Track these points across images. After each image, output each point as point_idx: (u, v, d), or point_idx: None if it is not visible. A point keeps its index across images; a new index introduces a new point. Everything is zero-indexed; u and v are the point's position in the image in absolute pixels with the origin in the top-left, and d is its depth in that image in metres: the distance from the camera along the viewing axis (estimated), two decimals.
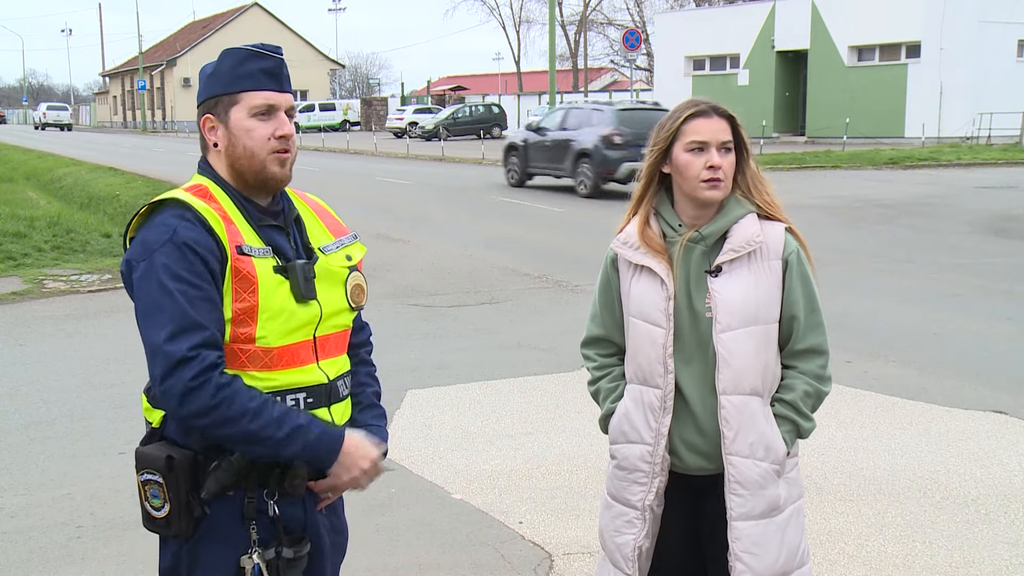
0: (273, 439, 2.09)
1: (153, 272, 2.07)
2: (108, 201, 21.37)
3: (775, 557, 2.59)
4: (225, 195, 2.21)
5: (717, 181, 2.56)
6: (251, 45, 2.22)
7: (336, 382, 2.29)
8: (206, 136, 2.23)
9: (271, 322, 2.14)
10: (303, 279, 2.19)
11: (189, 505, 2.13)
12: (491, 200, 19.96)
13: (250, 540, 2.17)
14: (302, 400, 2.21)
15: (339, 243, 2.36)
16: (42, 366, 7.67)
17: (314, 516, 2.30)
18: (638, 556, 2.71)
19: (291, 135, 2.23)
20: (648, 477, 2.68)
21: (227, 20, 75.98)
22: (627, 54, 43.46)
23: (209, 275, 2.08)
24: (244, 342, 2.13)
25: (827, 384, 2.65)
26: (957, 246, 13.10)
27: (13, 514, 4.90)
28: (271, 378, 2.17)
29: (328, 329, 2.27)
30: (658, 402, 2.64)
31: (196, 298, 2.06)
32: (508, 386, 6.99)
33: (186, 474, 2.12)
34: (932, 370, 7.28)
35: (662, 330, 2.62)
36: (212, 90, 2.21)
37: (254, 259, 2.14)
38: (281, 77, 2.23)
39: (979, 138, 33.18)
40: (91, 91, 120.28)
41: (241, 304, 2.12)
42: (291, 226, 2.29)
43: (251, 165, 2.20)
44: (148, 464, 2.14)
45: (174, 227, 2.09)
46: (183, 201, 2.14)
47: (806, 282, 2.61)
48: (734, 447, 2.57)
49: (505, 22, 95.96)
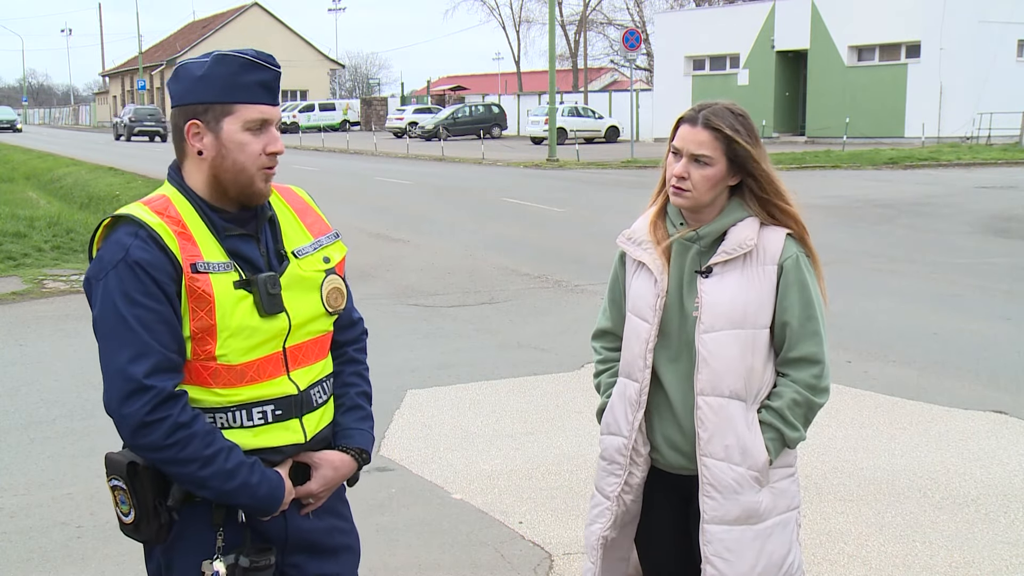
0: (219, 489, 2.08)
1: (108, 294, 2.04)
2: (108, 201, 21.37)
3: (750, 566, 2.55)
4: (190, 206, 2.13)
5: (679, 190, 2.56)
6: (246, 52, 2.13)
7: (310, 390, 2.24)
8: (188, 142, 2.13)
9: (232, 340, 2.09)
10: (266, 294, 2.12)
11: (156, 510, 2.10)
12: (491, 200, 19.96)
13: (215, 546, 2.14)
14: (270, 412, 2.16)
15: (316, 244, 2.28)
16: (42, 366, 7.67)
17: (298, 523, 2.26)
18: (602, 545, 2.74)
19: (282, 152, 2.17)
20: (622, 469, 2.70)
21: (227, 20, 75.98)
22: (627, 54, 43.43)
23: (163, 295, 2.04)
24: (206, 359, 2.09)
25: (821, 395, 2.60)
26: (957, 246, 13.10)
27: (13, 514, 4.90)
28: (235, 393, 2.13)
29: (301, 338, 2.21)
30: (636, 396, 2.66)
31: (152, 321, 2.02)
32: (508, 386, 6.99)
33: (151, 480, 2.09)
34: (932, 370, 7.27)
35: (647, 325, 2.63)
36: (202, 96, 2.10)
37: (211, 275, 2.08)
38: (275, 91, 2.16)
39: (979, 138, 33.19)
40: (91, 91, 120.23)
41: (199, 323, 2.07)
42: (263, 231, 2.20)
43: (237, 180, 2.12)
44: (114, 470, 2.12)
45: (127, 246, 2.04)
46: (137, 219, 2.07)
47: (803, 289, 2.57)
48: (708, 448, 2.56)
49: (505, 22, 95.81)
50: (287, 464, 2.21)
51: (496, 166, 30.96)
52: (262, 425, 2.16)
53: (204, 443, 2.05)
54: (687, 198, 2.56)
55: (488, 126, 50.01)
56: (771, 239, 2.58)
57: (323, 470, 2.25)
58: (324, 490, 2.26)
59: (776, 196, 2.60)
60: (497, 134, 50.50)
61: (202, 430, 2.06)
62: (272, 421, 2.17)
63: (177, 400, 2.04)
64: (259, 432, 2.16)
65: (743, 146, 2.53)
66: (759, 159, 2.56)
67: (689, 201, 2.57)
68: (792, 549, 2.64)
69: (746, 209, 2.60)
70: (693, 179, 2.54)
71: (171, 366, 2.04)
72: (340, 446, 2.31)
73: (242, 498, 2.11)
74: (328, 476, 2.26)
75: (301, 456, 2.24)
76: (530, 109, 49.11)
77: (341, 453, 2.29)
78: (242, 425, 2.14)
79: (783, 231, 2.60)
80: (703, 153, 2.52)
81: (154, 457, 2.05)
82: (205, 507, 2.15)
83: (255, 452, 2.15)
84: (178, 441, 2.02)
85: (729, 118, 2.54)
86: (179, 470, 2.06)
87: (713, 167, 2.54)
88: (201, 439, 2.05)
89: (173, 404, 2.03)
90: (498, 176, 24.14)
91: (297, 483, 2.23)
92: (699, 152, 2.52)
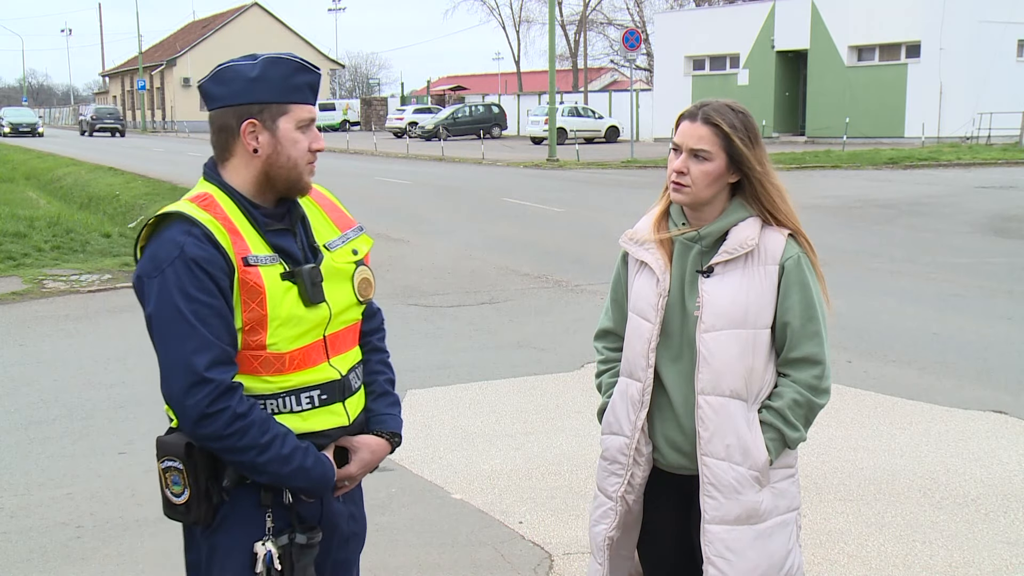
0: (276, 474, 2.19)
1: (166, 290, 2.12)
2: (108, 201, 21.40)
3: (751, 566, 2.55)
4: (232, 203, 2.23)
5: (679, 185, 2.57)
6: (293, 57, 2.26)
7: (348, 376, 2.36)
8: (245, 141, 2.22)
9: (281, 328, 2.20)
10: (310, 284, 2.24)
11: (208, 492, 2.20)
12: (491, 200, 19.96)
13: (265, 528, 2.24)
14: (316, 397, 2.28)
15: (345, 238, 2.39)
16: (42, 366, 7.67)
17: (331, 506, 2.37)
18: (608, 546, 2.74)
19: (323, 149, 2.32)
20: (624, 469, 2.70)
21: (227, 20, 75.90)
22: (627, 54, 43.46)
23: (218, 290, 2.14)
24: (256, 349, 2.20)
25: (822, 396, 2.60)
26: (957, 246, 13.10)
27: (13, 514, 4.90)
28: (284, 380, 2.24)
29: (338, 326, 2.33)
30: (638, 395, 2.67)
31: (208, 315, 2.12)
32: (508, 386, 6.99)
33: (205, 461, 2.19)
34: (932, 370, 7.28)
35: (649, 324, 2.64)
36: (259, 96, 2.21)
37: (261, 268, 2.18)
38: (317, 93, 2.32)
39: (979, 138, 33.19)
40: (91, 91, 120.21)
41: (251, 314, 2.17)
42: (297, 226, 2.32)
43: (289, 175, 2.25)
44: (169, 451, 2.21)
45: (182, 244, 2.13)
46: (190, 216, 2.16)
47: (804, 289, 2.57)
48: (709, 448, 2.57)
49: (505, 22, 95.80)
50: (330, 448, 2.33)
51: (496, 166, 30.96)
52: (310, 409, 2.28)
53: (261, 431, 2.16)
54: (686, 194, 2.57)
55: (488, 126, 50.01)
56: (773, 239, 2.58)
57: (362, 453, 2.37)
58: (361, 473, 2.39)
59: (774, 193, 2.59)
60: (497, 134, 50.50)
61: (259, 419, 2.17)
62: (319, 405, 2.29)
63: (235, 392, 2.15)
64: (307, 416, 2.28)
65: (740, 143, 2.54)
66: (757, 158, 2.56)
67: (688, 197, 2.57)
68: (792, 550, 2.64)
69: (748, 209, 2.60)
70: (692, 174, 2.54)
71: (228, 359, 2.15)
72: (375, 431, 2.43)
73: (298, 481, 2.22)
74: (366, 459, 2.38)
75: (341, 440, 2.36)
76: (530, 109, 49.13)
77: (377, 437, 2.42)
78: (291, 410, 2.26)
79: (785, 231, 2.60)
80: (702, 148, 2.53)
81: (215, 446, 2.16)
82: (252, 490, 2.24)
83: (304, 436, 2.26)
84: (237, 431, 2.13)
85: (729, 115, 2.55)
86: (238, 458, 2.16)
87: (712, 162, 2.54)
88: (258, 427, 2.16)
89: (231, 396, 2.14)
90: (498, 176, 24.16)
91: (337, 466, 2.33)
92: (698, 147, 2.54)
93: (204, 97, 2.28)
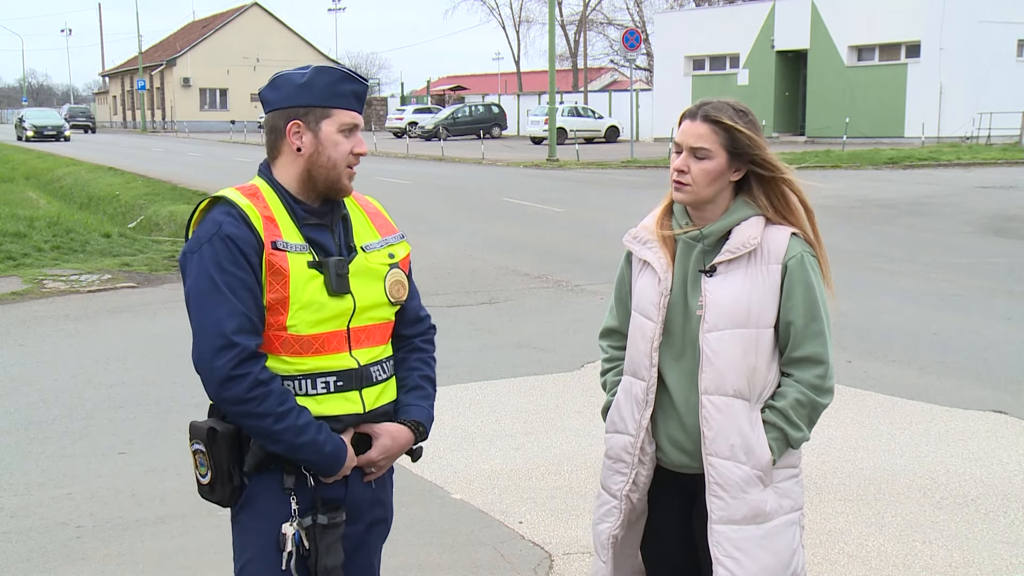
0: (290, 443, 2.33)
1: (202, 263, 2.33)
2: (108, 201, 21.41)
3: (761, 566, 2.55)
4: (275, 196, 2.42)
5: (679, 184, 2.58)
6: (342, 67, 2.46)
7: (370, 367, 2.48)
8: (290, 139, 2.41)
9: (301, 312, 2.36)
10: (335, 275, 2.39)
11: (230, 474, 2.37)
12: (491, 200, 19.97)
13: (291, 510, 2.39)
14: (332, 383, 2.41)
15: (384, 242, 2.56)
16: (42, 366, 7.67)
17: (356, 490, 2.49)
18: (612, 544, 2.75)
19: (366, 153, 2.49)
20: (629, 468, 2.70)
21: (227, 20, 75.81)
22: (627, 54, 43.48)
23: (248, 265, 2.32)
24: (277, 329, 2.36)
25: (825, 396, 2.60)
26: (957, 246, 13.10)
27: (13, 514, 4.90)
28: (302, 362, 2.39)
29: (364, 321, 2.47)
30: (642, 394, 2.67)
31: (238, 287, 2.31)
32: (508, 386, 6.99)
33: (227, 445, 2.36)
34: (932, 370, 7.28)
35: (652, 323, 2.64)
36: (304, 100, 2.40)
37: (288, 254, 2.36)
38: (364, 101, 2.49)
39: (979, 138, 33.18)
40: (91, 91, 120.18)
41: (274, 294, 2.34)
42: (337, 224, 2.48)
43: (328, 174, 2.42)
44: (195, 435, 2.40)
45: (220, 223, 2.34)
46: (230, 200, 2.37)
47: (807, 289, 2.57)
48: (714, 447, 2.56)
49: (505, 22, 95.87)
50: (349, 433, 2.45)
51: (496, 166, 30.96)
52: (324, 394, 2.41)
53: (279, 400, 2.31)
54: (687, 192, 2.57)
55: (488, 126, 50.01)
56: (775, 238, 2.58)
57: (382, 439, 2.49)
58: (383, 458, 2.50)
59: (782, 193, 2.59)
60: (497, 134, 50.50)
61: (278, 389, 2.33)
62: (334, 391, 2.42)
63: (258, 359, 2.33)
64: (322, 400, 2.41)
65: (743, 133, 2.53)
66: (761, 146, 2.56)
67: (689, 196, 2.57)
68: (797, 550, 2.64)
69: (752, 208, 2.60)
70: (692, 173, 2.55)
71: (253, 328, 2.33)
72: (398, 419, 2.56)
73: (309, 454, 2.35)
74: (387, 445, 2.50)
75: (363, 427, 2.48)
76: (530, 109, 49.13)
77: (399, 424, 2.54)
78: (307, 393, 2.40)
79: (788, 230, 2.60)
80: (701, 146, 2.54)
81: (235, 410, 2.32)
82: (275, 475, 2.39)
83: (319, 419, 2.38)
84: (257, 396, 2.29)
85: (729, 111, 2.56)
86: (256, 423, 2.31)
87: (712, 160, 2.54)
88: (277, 396, 2.31)
89: (254, 362, 2.31)
90: (498, 176, 24.15)
91: (359, 453, 2.46)
92: (697, 145, 2.54)
93: (261, 102, 2.49)
